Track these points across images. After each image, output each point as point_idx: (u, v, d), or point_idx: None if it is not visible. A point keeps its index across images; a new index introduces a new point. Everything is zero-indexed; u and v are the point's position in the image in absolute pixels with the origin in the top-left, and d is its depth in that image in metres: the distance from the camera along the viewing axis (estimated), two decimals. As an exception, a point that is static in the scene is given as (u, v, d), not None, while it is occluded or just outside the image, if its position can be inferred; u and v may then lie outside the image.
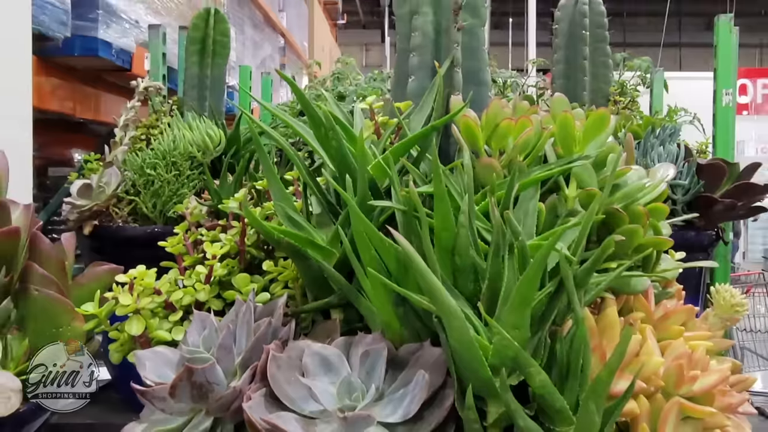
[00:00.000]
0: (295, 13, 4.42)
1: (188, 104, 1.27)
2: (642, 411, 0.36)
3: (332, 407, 0.34)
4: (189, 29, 1.28)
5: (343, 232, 0.39)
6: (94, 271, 0.56)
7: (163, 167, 1.09)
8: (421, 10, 0.50)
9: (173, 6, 2.07)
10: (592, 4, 1.10)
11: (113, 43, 1.60)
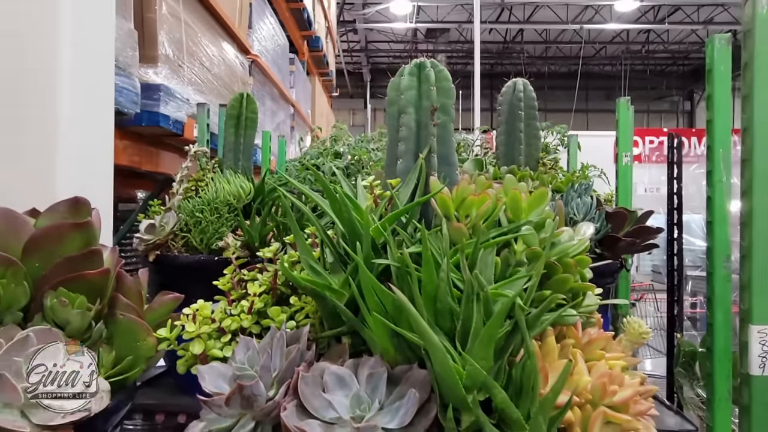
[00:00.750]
0: (301, 89, 4.44)
1: (226, 164, 1.27)
2: (576, 419, 0.36)
3: (346, 416, 0.34)
4: (227, 108, 1.28)
5: (351, 279, 0.40)
6: (162, 299, 0.56)
7: (208, 211, 1.08)
8: (407, 110, 0.50)
9: (214, 87, 2.07)
10: (525, 92, 1.12)
11: (170, 116, 1.59)
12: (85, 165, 0.84)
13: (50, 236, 0.50)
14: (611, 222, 1.00)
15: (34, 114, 0.78)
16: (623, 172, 1.39)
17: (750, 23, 0.73)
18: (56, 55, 0.81)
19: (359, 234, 0.40)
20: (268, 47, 3.09)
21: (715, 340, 0.87)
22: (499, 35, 11.64)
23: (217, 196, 1.12)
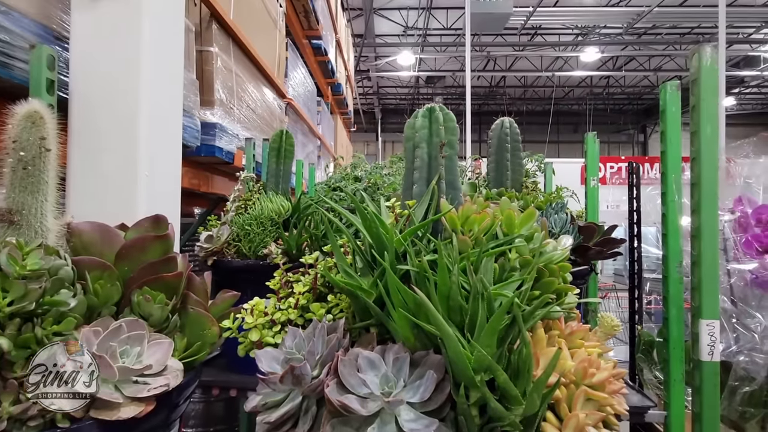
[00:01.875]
0: (326, 125, 4.49)
1: (269, 186, 1.28)
2: (562, 396, 0.36)
3: (377, 392, 0.34)
4: (270, 141, 1.30)
5: (378, 281, 0.40)
6: (224, 296, 0.57)
7: (255, 225, 1.09)
8: (420, 145, 0.51)
9: (258, 125, 2.10)
10: (511, 128, 1.13)
11: (224, 148, 1.62)
12: (160, 187, 0.87)
13: (137, 246, 0.51)
14: (583, 234, 0.99)
15: (120, 146, 0.80)
16: (591, 193, 1.39)
17: (696, 73, 0.73)
18: (138, 99, 0.83)
19: (385, 245, 0.41)
20: (300, 92, 3.13)
21: (670, 332, 0.86)
22: (486, 81, 11.72)
23: (262, 213, 1.13)
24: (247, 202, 1.21)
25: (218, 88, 1.65)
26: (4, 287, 0.37)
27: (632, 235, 1.13)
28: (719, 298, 0.77)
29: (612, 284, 3.56)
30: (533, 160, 1.55)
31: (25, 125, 0.47)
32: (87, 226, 0.52)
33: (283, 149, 1.29)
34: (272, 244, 1.04)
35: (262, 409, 0.38)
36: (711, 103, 0.74)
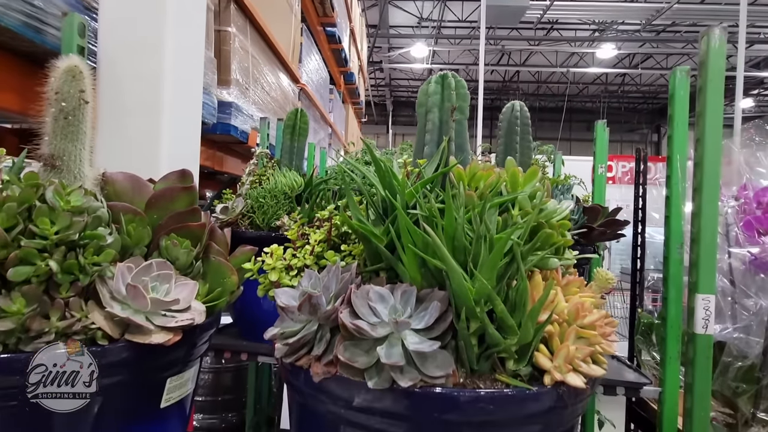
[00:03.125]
0: (338, 114, 4.51)
1: (283, 163, 1.32)
2: (555, 331, 0.39)
3: (386, 319, 0.38)
4: (285, 119, 1.34)
5: (390, 227, 0.44)
6: (242, 250, 0.60)
7: (269, 198, 1.13)
8: (432, 110, 0.54)
9: (271, 108, 2.14)
10: (521, 111, 1.15)
11: (239, 127, 1.66)
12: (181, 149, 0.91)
13: (165, 196, 0.55)
14: (588, 215, 1.02)
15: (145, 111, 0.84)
16: (598, 181, 1.41)
17: (704, 55, 0.75)
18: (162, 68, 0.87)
19: (396, 194, 0.44)
20: (313, 78, 3.16)
21: (668, 311, 0.89)
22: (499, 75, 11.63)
23: (275, 187, 1.17)
24: (261, 177, 1.25)
25: (235, 68, 1.69)
26: (51, 218, 0.41)
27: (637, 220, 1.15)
28: (717, 277, 0.79)
29: (618, 280, 3.58)
30: (542, 151, 1.57)
31: (66, 78, 0.51)
32: (120, 176, 0.56)
33: (298, 127, 1.33)
34: (285, 216, 1.08)
35: (280, 337, 0.42)
36: (717, 85, 0.76)
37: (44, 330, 0.39)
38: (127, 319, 0.43)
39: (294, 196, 1.18)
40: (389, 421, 0.37)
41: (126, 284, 0.45)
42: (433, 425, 0.36)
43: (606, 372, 0.40)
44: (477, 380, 0.37)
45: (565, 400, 0.38)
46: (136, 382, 0.46)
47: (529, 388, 0.36)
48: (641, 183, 1.19)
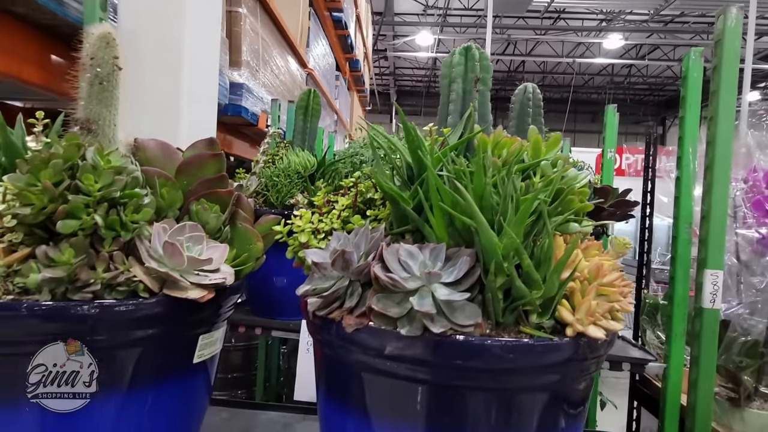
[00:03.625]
0: (343, 100, 4.51)
1: (296, 143, 1.33)
2: (576, 288, 0.41)
3: (417, 273, 0.40)
4: (298, 100, 1.35)
5: (419, 189, 0.45)
6: (266, 218, 0.62)
7: (282, 176, 1.15)
8: (456, 81, 0.56)
9: (280, 91, 2.15)
10: (533, 93, 1.15)
11: (249, 109, 1.67)
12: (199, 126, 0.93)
13: (195, 162, 0.57)
14: (598, 195, 1.03)
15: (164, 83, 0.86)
16: (607, 164, 1.43)
17: (721, 34, 0.76)
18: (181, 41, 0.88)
19: (423, 162, 0.46)
20: (320, 64, 3.15)
21: (675, 290, 0.91)
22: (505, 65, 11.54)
23: (289, 166, 1.19)
24: (274, 157, 1.26)
25: (245, 49, 1.69)
26: (94, 176, 0.43)
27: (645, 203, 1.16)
28: (725, 255, 0.81)
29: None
30: (548, 137, 1.57)
31: (101, 44, 0.52)
32: (152, 142, 0.57)
33: (311, 108, 1.34)
34: (299, 194, 1.10)
35: (312, 293, 0.44)
36: (732, 64, 0.77)
37: (90, 280, 0.41)
38: (165, 274, 0.45)
39: (307, 176, 1.19)
40: (417, 368, 0.39)
41: (163, 242, 0.47)
42: (459, 372, 0.39)
43: (623, 327, 0.42)
44: (502, 332, 0.39)
45: (584, 351, 0.40)
46: (172, 336, 0.49)
47: (552, 339, 0.38)
48: (650, 166, 1.20)
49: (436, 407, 0.40)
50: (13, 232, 0.40)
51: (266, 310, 1.16)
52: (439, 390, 0.40)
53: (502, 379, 0.39)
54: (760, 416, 0.88)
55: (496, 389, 0.39)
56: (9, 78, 0.82)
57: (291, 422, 0.81)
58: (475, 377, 0.39)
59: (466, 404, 0.40)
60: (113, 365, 0.43)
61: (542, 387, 0.41)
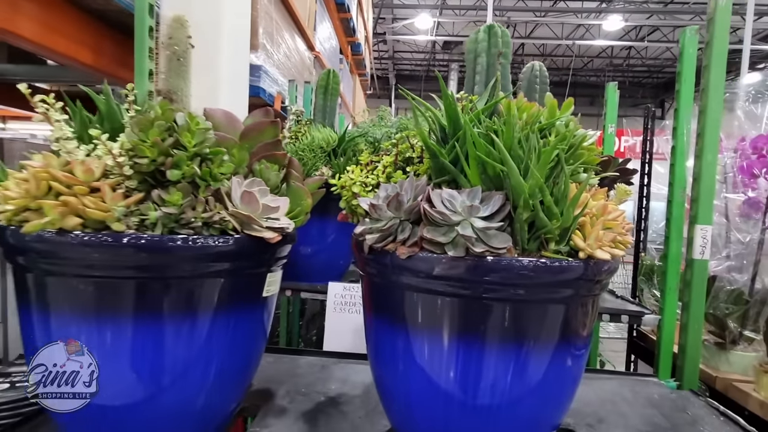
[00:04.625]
0: (346, 84, 4.55)
1: (317, 120, 1.41)
2: (587, 222, 0.51)
3: (459, 209, 0.49)
4: (318, 79, 1.43)
5: (456, 144, 0.55)
6: (312, 179, 0.71)
7: (307, 151, 1.24)
8: (481, 55, 0.65)
9: (291, 73, 2.21)
10: (540, 71, 1.24)
11: (266, 90, 1.74)
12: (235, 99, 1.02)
13: (256, 129, 0.66)
14: (601, 165, 1.13)
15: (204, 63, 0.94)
16: (608, 139, 1.52)
17: (713, 12, 0.85)
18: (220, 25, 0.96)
19: (459, 121, 0.55)
20: (326, 47, 3.21)
21: (669, 248, 1.02)
22: (504, 48, 11.48)
23: (312, 141, 1.28)
24: (297, 134, 1.35)
25: (261, 32, 1.76)
26: (190, 135, 0.52)
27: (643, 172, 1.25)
28: (714, 216, 0.91)
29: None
30: None
31: (176, 26, 0.61)
32: (218, 111, 0.66)
33: (330, 87, 1.42)
34: (323, 167, 1.19)
35: (368, 232, 0.54)
36: (723, 40, 0.85)
37: (193, 219, 0.51)
38: (246, 217, 0.55)
39: (330, 150, 1.29)
40: (459, 285, 0.49)
41: (241, 192, 0.56)
42: (493, 287, 0.48)
43: (624, 254, 0.52)
44: (527, 256, 0.49)
45: (592, 271, 0.50)
46: (249, 270, 0.58)
47: (568, 260, 0.48)
48: (648, 138, 1.29)
49: (471, 317, 0.50)
50: (129, 180, 0.50)
51: (294, 276, 1.26)
52: (475, 302, 0.50)
53: (527, 292, 0.49)
54: (744, 357, 0.99)
55: (522, 300, 0.50)
56: (68, 59, 0.90)
57: (327, 364, 0.92)
58: (506, 291, 0.49)
59: (497, 314, 0.50)
60: (211, 290, 0.53)
61: (559, 300, 0.51)
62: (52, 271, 0.50)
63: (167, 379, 0.55)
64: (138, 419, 0.55)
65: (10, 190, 0.47)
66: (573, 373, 0.57)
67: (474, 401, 0.53)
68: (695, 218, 0.87)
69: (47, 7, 0.87)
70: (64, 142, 0.49)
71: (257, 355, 0.67)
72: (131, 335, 0.52)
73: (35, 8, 0.85)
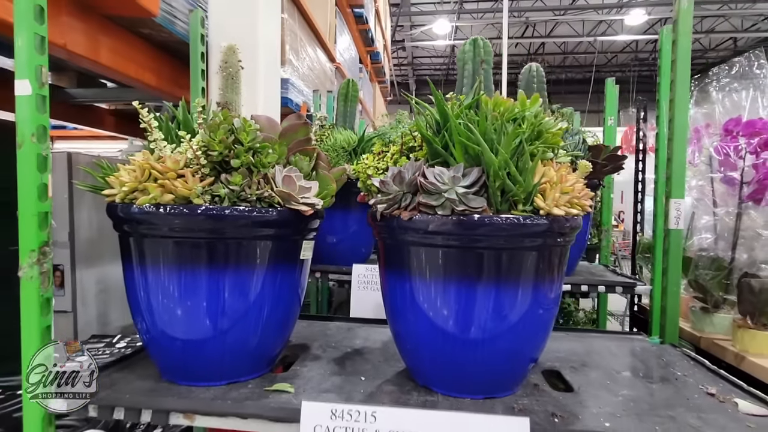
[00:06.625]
0: (366, 91, 4.75)
1: (339, 124, 1.60)
2: (547, 188, 0.66)
3: (446, 180, 0.66)
4: (339, 88, 1.62)
5: (445, 133, 0.71)
6: (336, 169, 0.89)
7: (331, 151, 1.43)
8: (467, 63, 0.81)
9: (314, 84, 2.41)
10: (537, 72, 1.39)
11: (293, 100, 1.95)
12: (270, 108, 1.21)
13: (291, 129, 0.84)
14: (592, 152, 1.27)
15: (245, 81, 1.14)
16: (608, 131, 1.65)
17: (677, 14, 0.99)
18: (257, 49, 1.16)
19: (447, 116, 0.72)
20: (345, 58, 3.42)
21: (656, 224, 1.14)
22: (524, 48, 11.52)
23: (335, 142, 1.47)
24: (322, 137, 1.55)
25: (288, 49, 1.97)
26: (246, 134, 0.71)
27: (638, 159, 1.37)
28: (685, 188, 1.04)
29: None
30: (562, 114, 1.79)
31: (230, 53, 0.80)
32: (262, 117, 0.85)
33: (350, 94, 1.62)
34: (345, 164, 1.38)
35: (379, 202, 0.71)
36: (686, 39, 0.99)
37: (249, 195, 0.69)
38: (287, 194, 0.73)
39: (351, 150, 1.47)
40: (449, 238, 0.66)
41: (283, 176, 0.75)
42: (474, 239, 0.65)
43: (580, 214, 0.68)
44: (500, 215, 0.65)
45: (553, 225, 0.65)
46: (290, 236, 0.77)
47: (531, 216, 0.64)
48: (641, 128, 1.42)
49: (461, 264, 0.67)
50: (204, 168, 0.69)
51: (322, 261, 1.45)
52: (463, 252, 0.66)
53: (502, 242, 0.65)
54: (725, 319, 1.10)
55: (499, 249, 0.65)
56: (136, 82, 1.12)
57: (353, 327, 1.09)
58: (485, 241, 0.65)
59: (481, 260, 0.66)
60: (262, 250, 0.72)
61: (530, 248, 0.66)
62: (148, 234, 0.70)
63: (231, 320, 0.73)
64: (211, 351, 0.74)
65: (123, 177, 0.67)
66: (546, 312, 0.72)
67: (466, 336, 0.69)
68: (669, 193, 1.01)
69: (121, 40, 1.10)
70: (159, 142, 0.68)
71: (296, 309, 0.85)
72: (205, 283, 0.71)
73: (111, 41, 1.07)
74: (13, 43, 0.62)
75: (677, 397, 0.72)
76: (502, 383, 0.74)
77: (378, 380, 0.79)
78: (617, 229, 5.32)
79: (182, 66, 1.10)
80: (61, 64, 1.17)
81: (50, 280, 0.68)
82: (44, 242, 0.67)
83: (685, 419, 0.64)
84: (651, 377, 0.82)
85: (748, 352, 1.00)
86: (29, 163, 0.65)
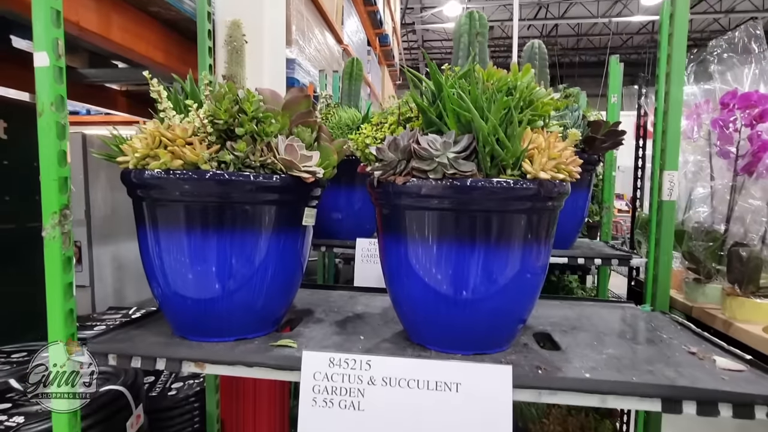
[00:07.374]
0: (375, 74, 4.75)
1: (344, 102, 1.64)
2: (535, 153, 0.70)
3: (438, 147, 0.69)
4: (344, 67, 1.65)
5: (440, 104, 0.74)
6: (338, 141, 0.93)
7: (336, 128, 1.46)
8: (463, 35, 0.84)
9: (320, 65, 2.43)
10: (540, 49, 1.40)
11: (300, 80, 1.98)
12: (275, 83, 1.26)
13: (294, 101, 0.88)
14: (591, 127, 1.28)
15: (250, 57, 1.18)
16: (611, 109, 1.65)
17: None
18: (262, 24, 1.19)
19: (441, 86, 0.75)
20: (353, 40, 3.42)
21: (653, 199, 1.16)
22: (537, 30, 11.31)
23: (340, 120, 1.50)
24: (327, 115, 1.58)
25: (294, 29, 1.99)
26: (250, 104, 0.75)
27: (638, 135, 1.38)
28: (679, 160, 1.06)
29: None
30: (569, 93, 1.79)
31: (234, 27, 0.84)
32: (266, 90, 0.89)
33: (354, 73, 1.64)
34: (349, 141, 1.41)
35: (376, 168, 0.75)
36: (683, 14, 1.00)
37: (253, 162, 0.74)
38: (290, 162, 0.77)
39: (354, 127, 1.51)
40: (441, 200, 0.70)
41: (285, 145, 0.79)
42: (466, 201, 0.69)
43: (567, 179, 0.71)
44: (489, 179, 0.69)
45: (539, 188, 0.69)
46: (292, 202, 0.81)
47: (519, 180, 0.68)
48: (641, 104, 1.43)
49: (454, 226, 0.70)
50: (210, 136, 0.73)
51: (328, 236, 1.50)
52: (454, 214, 0.70)
53: (491, 205, 0.69)
54: (717, 289, 1.12)
55: (488, 211, 0.69)
56: (146, 59, 1.16)
57: (355, 295, 1.14)
58: (474, 204, 0.69)
59: (471, 223, 0.70)
60: (266, 214, 0.76)
61: (519, 211, 0.70)
62: (160, 198, 0.75)
63: (238, 280, 0.78)
64: (219, 310, 0.79)
65: (136, 144, 0.71)
66: (533, 276, 0.76)
67: (458, 296, 0.74)
68: (663, 165, 1.03)
69: (130, 18, 1.14)
70: (168, 111, 0.73)
71: (299, 273, 0.90)
72: (214, 245, 0.76)
73: (122, 20, 1.11)
74: (30, 23, 0.67)
75: (659, 356, 0.76)
76: (492, 340, 0.78)
77: (376, 339, 0.84)
78: (628, 213, 5.31)
79: (190, 44, 1.14)
80: (74, 43, 1.22)
81: (71, 241, 0.74)
82: (64, 205, 0.72)
83: (662, 372, 0.68)
84: (637, 340, 0.86)
85: (735, 319, 1.03)
86: (49, 131, 0.70)
